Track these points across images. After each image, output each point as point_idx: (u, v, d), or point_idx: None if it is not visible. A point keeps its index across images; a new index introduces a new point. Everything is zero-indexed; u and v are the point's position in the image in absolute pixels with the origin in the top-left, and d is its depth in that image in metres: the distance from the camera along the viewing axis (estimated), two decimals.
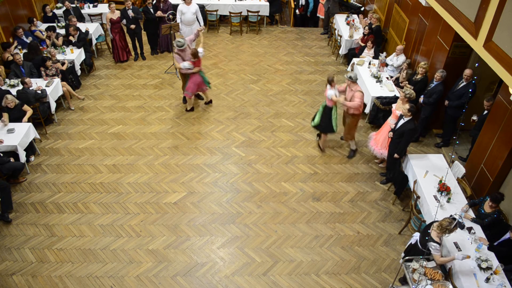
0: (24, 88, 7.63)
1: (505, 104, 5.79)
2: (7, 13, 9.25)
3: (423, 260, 5.03)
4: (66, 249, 5.93)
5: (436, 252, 4.82)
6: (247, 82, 9.66)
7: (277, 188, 6.98)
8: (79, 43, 9.38)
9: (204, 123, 8.36)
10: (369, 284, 5.60)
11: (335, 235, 6.25)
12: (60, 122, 8.32)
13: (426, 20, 8.01)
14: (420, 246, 4.99)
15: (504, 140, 5.81)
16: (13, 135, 6.93)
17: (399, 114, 6.56)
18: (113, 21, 9.54)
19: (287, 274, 5.69)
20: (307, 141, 7.95)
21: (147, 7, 9.79)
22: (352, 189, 7.01)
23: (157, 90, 9.27)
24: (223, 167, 7.35)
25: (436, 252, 4.82)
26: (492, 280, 4.86)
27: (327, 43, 11.45)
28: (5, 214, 6.29)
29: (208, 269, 5.73)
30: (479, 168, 6.37)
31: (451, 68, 7.20)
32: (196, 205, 6.65)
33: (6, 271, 5.60)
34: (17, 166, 6.76)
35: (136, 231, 6.22)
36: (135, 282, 5.54)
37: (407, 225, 6.22)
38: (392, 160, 6.59)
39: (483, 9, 4.84)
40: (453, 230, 4.74)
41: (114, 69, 10.03)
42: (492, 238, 5.38)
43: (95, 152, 7.59)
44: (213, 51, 10.85)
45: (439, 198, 5.89)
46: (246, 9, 11.46)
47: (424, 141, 8.02)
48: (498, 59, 4.59)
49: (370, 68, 8.75)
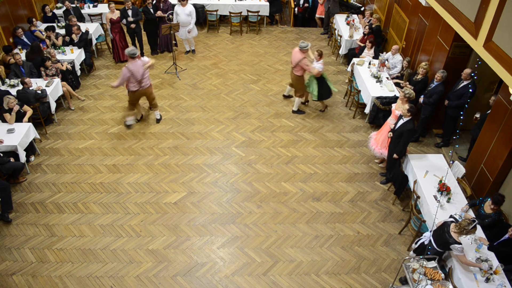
0: (24, 88, 7.63)
1: (505, 104, 5.79)
2: (7, 13, 9.26)
3: (423, 260, 5.03)
4: (66, 249, 5.93)
5: (460, 253, 4.80)
6: (247, 82, 9.66)
7: (277, 188, 6.98)
8: (80, 43, 9.39)
9: (204, 123, 8.36)
10: (369, 284, 5.60)
11: (335, 235, 6.25)
12: (60, 122, 8.32)
13: (426, 20, 8.01)
14: (436, 246, 4.98)
15: (504, 140, 5.81)
16: (13, 135, 6.93)
17: (398, 114, 6.57)
18: (113, 21, 9.54)
19: (287, 274, 5.69)
20: (307, 141, 7.95)
21: (147, 7, 9.79)
22: (352, 189, 7.01)
23: (157, 90, 9.26)
24: (223, 167, 7.35)
25: (461, 253, 4.80)
26: (492, 280, 4.86)
27: (327, 43, 11.45)
28: (5, 214, 6.29)
29: (208, 269, 5.74)
30: (479, 168, 6.37)
31: (451, 68, 7.20)
32: (196, 205, 6.65)
33: (6, 271, 5.60)
34: (17, 166, 6.76)
35: (136, 231, 6.22)
36: (135, 282, 5.54)
37: (407, 225, 6.22)
38: (392, 160, 6.59)
39: (483, 9, 4.84)
40: (470, 232, 4.71)
41: (114, 69, 10.03)
42: (492, 238, 5.39)
43: (95, 152, 7.59)
44: (213, 51, 10.85)
45: (439, 198, 5.89)
46: (246, 9, 11.46)
47: (424, 141, 8.02)
48: (498, 59, 4.59)
49: (370, 68, 8.75)
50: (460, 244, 4.78)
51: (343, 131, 8.24)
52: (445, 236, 4.85)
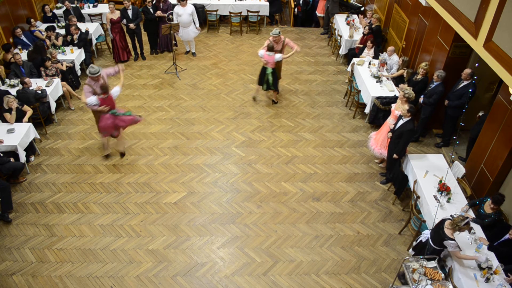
0: (24, 88, 7.63)
1: (505, 104, 5.79)
2: (7, 13, 9.26)
3: (423, 260, 5.03)
4: (66, 249, 5.93)
5: (454, 249, 4.85)
6: (247, 82, 9.66)
7: (277, 188, 6.98)
8: (79, 43, 9.38)
9: (204, 123, 8.36)
10: (369, 284, 5.60)
11: (335, 235, 6.25)
12: (60, 122, 8.32)
13: (426, 20, 8.01)
14: (433, 244, 4.99)
15: (504, 140, 5.81)
16: (13, 135, 6.93)
17: (398, 114, 6.56)
18: (113, 21, 9.53)
19: (287, 274, 5.69)
20: (307, 141, 7.95)
21: (147, 6, 9.78)
22: (352, 189, 7.01)
23: (157, 90, 9.27)
24: (223, 167, 7.35)
25: (455, 249, 4.85)
26: (492, 280, 4.86)
27: (327, 43, 11.45)
28: (5, 214, 6.29)
29: (208, 269, 5.74)
30: (479, 168, 6.37)
31: (451, 68, 7.20)
32: (196, 205, 6.65)
33: (6, 271, 5.60)
34: (17, 166, 6.76)
35: (136, 231, 6.22)
36: (135, 282, 5.54)
37: (407, 225, 6.22)
38: (392, 160, 6.59)
39: (483, 9, 4.84)
40: (462, 229, 4.78)
41: None
42: (492, 238, 5.39)
43: (95, 152, 7.59)
44: (213, 51, 10.85)
45: (439, 198, 5.89)
46: (246, 9, 11.46)
47: (424, 141, 8.02)
48: (498, 59, 4.59)
49: (370, 68, 8.75)
50: (453, 240, 4.82)
51: (343, 131, 8.24)
52: (440, 233, 4.91)
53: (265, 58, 8.16)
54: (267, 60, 8.16)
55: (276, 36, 8.22)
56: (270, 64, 8.20)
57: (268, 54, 8.11)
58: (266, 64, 8.22)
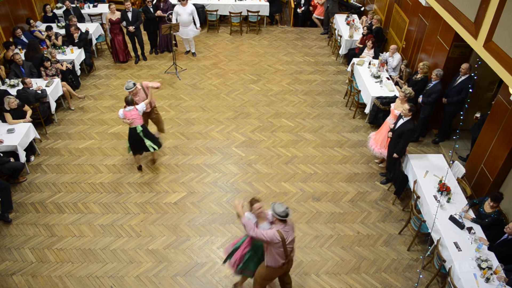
0: (24, 88, 7.63)
1: (505, 104, 5.79)
2: (7, 13, 9.26)
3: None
4: (66, 249, 5.93)
5: None
6: (247, 82, 9.66)
7: (277, 188, 6.98)
8: (79, 43, 9.38)
9: (204, 123, 8.36)
10: (369, 284, 5.60)
11: (335, 235, 6.25)
12: (60, 122, 8.32)
13: (426, 20, 8.01)
14: None
15: (504, 140, 5.81)
16: (13, 135, 6.94)
17: (398, 114, 6.56)
18: (112, 22, 9.52)
19: None
20: (307, 141, 7.95)
21: (147, 6, 9.78)
22: (352, 189, 7.01)
23: (157, 90, 9.25)
24: (223, 167, 7.35)
25: None
26: (492, 280, 4.86)
27: (327, 43, 11.45)
28: (5, 214, 6.29)
29: (208, 269, 5.73)
30: (479, 168, 6.38)
31: (451, 68, 7.20)
32: (196, 205, 6.65)
33: (6, 271, 5.60)
34: (17, 166, 6.76)
35: (136, 231, 6.22)
36: (135, 282, 5.54)
37: (407, 225, 6.22)
38: (392, 160, 6.59)
39: (483, 9, 4.84)
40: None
41: (114, 69, 10.03)
42: (492, 238, 5.39)
43: (95, 152, 7.59)
44: (213, 51, 10.85)
45: (439, 198, 5.89)
46: (246, 9, 11.46)
47: (424, 141, 8.02)
48: (498, 59, 4.59)
49: (370, 68, 8.75)
50: None
51: (343, 131, 8.24)
52: None
53: (128, 116, 6.50)
54: (132, 118, 6.51)
55: (131, 90, 6.58)
56: (138, 121, 6.59)
57: (128, 110, 6.49)
58: (132, 124, 6.57)
